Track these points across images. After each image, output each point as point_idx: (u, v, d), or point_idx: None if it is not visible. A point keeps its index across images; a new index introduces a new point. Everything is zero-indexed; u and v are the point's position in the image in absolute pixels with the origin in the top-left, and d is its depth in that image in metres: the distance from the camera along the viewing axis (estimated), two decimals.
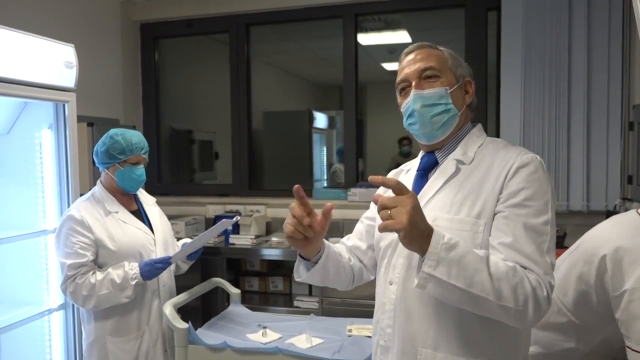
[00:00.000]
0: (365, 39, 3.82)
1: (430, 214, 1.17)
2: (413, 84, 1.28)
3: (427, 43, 1.34)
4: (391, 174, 1.47)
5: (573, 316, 1.49)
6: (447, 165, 1.27)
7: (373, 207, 1.49)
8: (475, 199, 1.19)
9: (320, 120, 4.89)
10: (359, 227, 1.51)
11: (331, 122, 5.15)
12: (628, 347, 1.33)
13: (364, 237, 1.47)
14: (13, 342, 2.43)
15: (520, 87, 3.05)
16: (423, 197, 1.26)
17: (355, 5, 3.55)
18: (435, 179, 1.27)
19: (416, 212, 1.03)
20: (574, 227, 2.78)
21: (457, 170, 1.25)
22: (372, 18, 3.77)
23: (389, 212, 1.02)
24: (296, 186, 1.20)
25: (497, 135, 3.16)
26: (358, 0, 3.50)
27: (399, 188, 1.04)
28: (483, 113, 3.33)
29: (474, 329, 1.17)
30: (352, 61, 3.61)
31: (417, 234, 1.03)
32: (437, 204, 1.24)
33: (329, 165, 5.12)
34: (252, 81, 3.90)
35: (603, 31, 2.90)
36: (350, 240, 1.50)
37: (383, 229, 1.03)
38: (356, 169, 3.67)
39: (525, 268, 1.10)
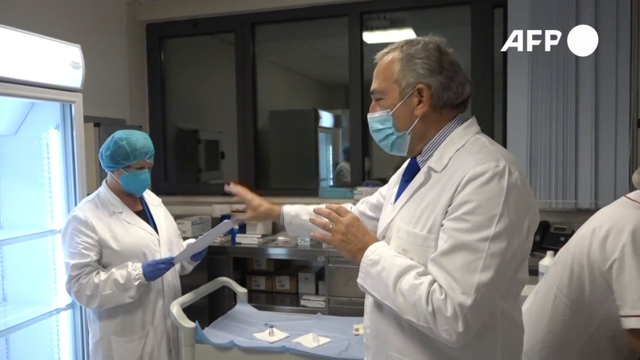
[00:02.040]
0: (370, 37, 3.80)
1: (398, 223, 1.24)
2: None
3: (392, 46, 1.28)
4: (399, 172, 1.46)
5: (570, 302, 1.53)
6: (421, 173, 1.24)
7: (386, 189, 1.55)
8: (430, 213, 1.15)
9: (326, 119, 4.88)
10: (372, 198, 1.65)
11: (337, 121, 5.14)
12: (623, 317, 1.37)
13: (373, 208, 1.62)
14: (22, 341, 2.45)
15: (527, 84, 3.03)
16: (398, 204, 1.27)
17: (360, 3, 3.54)
18: (410, 187, 1.25)
19: (349, 231, 1.23)
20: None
21: (427, 179, 1.21)
22: (378, 16, 3.76)
23: (330, 225, 1.26)
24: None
25: (504, 134, 3.14)
26: None
27: (339, 212, 1.26)
28: (490, 111, 3.32)
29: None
30: (357, 60, 3.60)
31: (351, 249, 1.23)
32: (404, 213, 1.23)
33: (335, 164, 5.11)
34: (258, 80, 3.91)
35: (611, 27, 2.88)
36: (362, 205, 1.68)
37: (322, 239, 1.28)
38: (362, 168, 3.66)
39: (441, 286, 1.07)
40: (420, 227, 1.16)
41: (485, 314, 1.10)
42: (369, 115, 1.29)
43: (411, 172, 1.30)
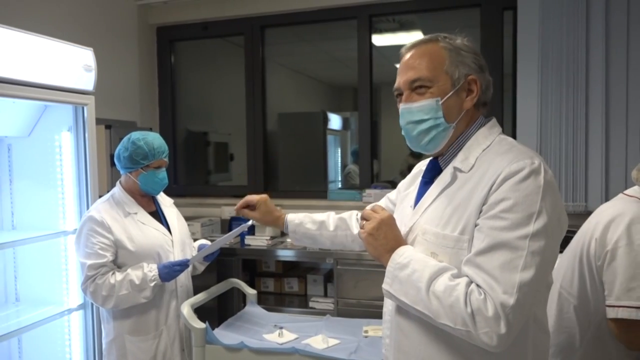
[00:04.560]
0: (379, 40, 3.81)
1: (423, 226, 1.19)
2: (403, 95, 1.21)
3: (427, 37, 1.23)
4: (412, 174, 1.47)
5: (574, 298, 1.56)
6: (446, 173, 1.20)
7: (395, 194, 1.57)
8: (462, 213, 1.11)
9: (335, 121, 4.89)
10: (380, 203, 1.59)
11: (345, 123, 5.15)
12: (608, 306, 1.40)
13: None
14: (34, 341, 2.47)
15: (537, 86, 3.02)
16: (420, 207, 1.23)
17: (369, 6, 3.55)
18: (433, 188, 1.22)
19: (380, 229, 1.18)
20: None
21: (454, 179, 1.17)
22: (387, 19, 3.76)
23: (363, 222, 1.22)
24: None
25: (513, 136, 3.13)
26: (372, 1, 3.50)
27: (374, 209, 1.23)
28: (499, 113, 3.31)
29: (468, 346, 1.08)
30: (366, 62, 3.61)
31: (377, 247, 1.18)
32: (430, 215, 1.19)
33: (343, 166, 5.11)
34: (267, 83, 3.92)
35: (621, 29, 2.86)
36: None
37: (358, 236, 1.27)
38: (371, 170, 3.67)
39: (479, 286, 1.03)
40: (451, 229, 1.12)
41: (526, 316, 1.05)
42: (407, 105, 1.20)
43: (431, 174, 1.27)
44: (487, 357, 1.08)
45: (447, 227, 1.13)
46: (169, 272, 2.09)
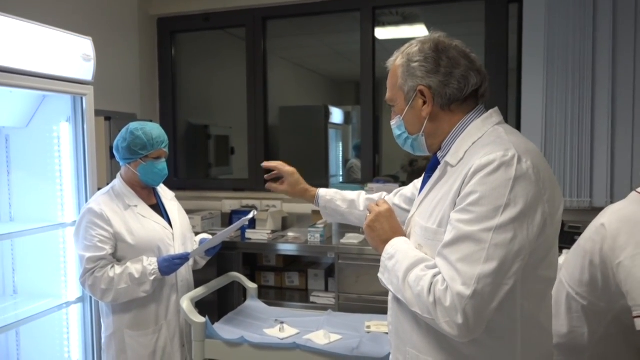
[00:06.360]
0: (382, 33, 3.77)
1: (416, 219, 1.26)
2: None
3: (394, 55, 1.31)
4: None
5: (583, 299, 1.52)
6: (439, 168, 1.24)
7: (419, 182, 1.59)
8: (442, 206, 1.15)
9: (337, 115, 4.86)
10: (406, 190, 1.69)
11: (347, 117, 5.12)
12: (636, 317, 1.35)
13: (407, 200, 1.66)
14: (32, 334, 2.45)
15: (542, 81, 2.98)
16: (417, 201, 1.30)
17: None
18: (429, 183, 1.27)
19: (377, 221, 1.28)
20: None
21: (443, 174, 1.20)
22: (390, 12, 3.72)
23: (367, 214, 1.32)
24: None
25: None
26: None
27: (378, 202, 1.33)
28: (504, 108, 3.28)
29: None
30: (369, 56, 3.57)
31: (374, 238, 1.28)
32: (421, 209, 1.24)
33: (345, 160, 5.09)
34: (269, 76, 3.89)
35: (629, 22, 2.82)
36: (396, 197, 1.71)
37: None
38: (373, 164, 3.64)
39: (444, 277, 1.06)
40: (432, 222, 1.17)
41: (490, 307, 1.04)
42: (391, 122, 1.34)
43: (433, 167, 1.29)
44: (473, 347, 1.11)
45: (429, 220, 1.18)
46: (169, 265, 2.06)
